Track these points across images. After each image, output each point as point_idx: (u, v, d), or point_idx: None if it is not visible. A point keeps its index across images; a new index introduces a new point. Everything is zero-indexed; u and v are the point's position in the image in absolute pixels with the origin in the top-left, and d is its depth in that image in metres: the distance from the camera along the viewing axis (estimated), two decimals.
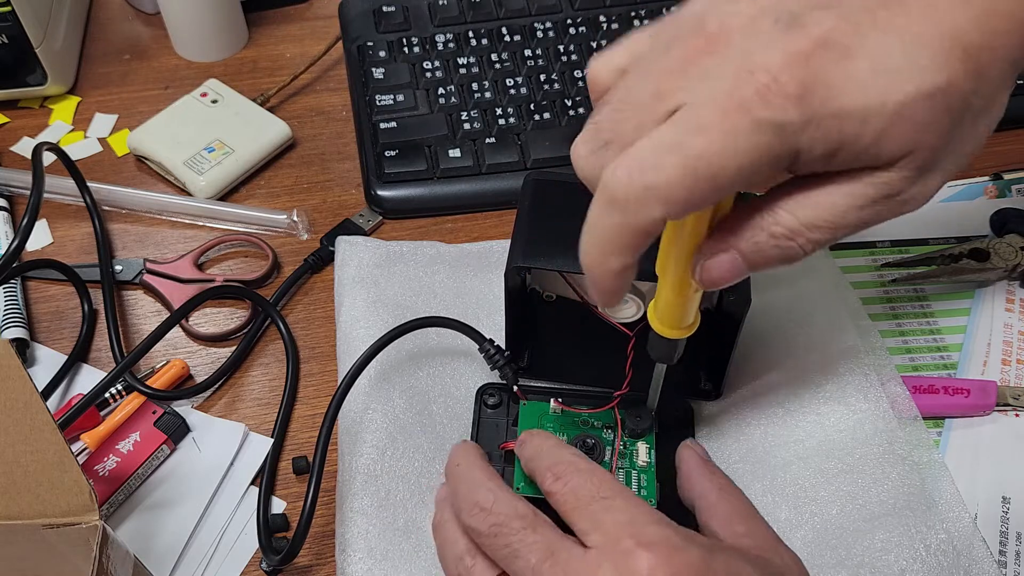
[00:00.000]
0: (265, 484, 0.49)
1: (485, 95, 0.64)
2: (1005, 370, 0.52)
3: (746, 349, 0.52)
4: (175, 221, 0.62)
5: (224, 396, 0.54)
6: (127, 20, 0.75)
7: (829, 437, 0.49)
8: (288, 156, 0.66)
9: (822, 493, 0.47)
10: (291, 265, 0.59)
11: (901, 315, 0.55)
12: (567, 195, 0.46)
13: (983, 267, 0.55)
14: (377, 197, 0.61)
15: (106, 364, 0.55)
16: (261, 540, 0.47)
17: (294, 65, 0.70)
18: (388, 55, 0.67)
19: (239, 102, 0.66)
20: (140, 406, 0.51)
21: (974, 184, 0.61)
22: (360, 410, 0.50)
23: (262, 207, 0.62)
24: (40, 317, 0.57)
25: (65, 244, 0.61)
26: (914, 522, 0.45)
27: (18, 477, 0.36)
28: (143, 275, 0.58)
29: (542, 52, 0.67)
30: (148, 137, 0.64)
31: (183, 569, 0.47)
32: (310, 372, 0.54)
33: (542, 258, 0.45)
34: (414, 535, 0.46)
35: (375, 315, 0.54)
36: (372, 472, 0.48)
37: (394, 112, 0.64)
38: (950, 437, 0.50)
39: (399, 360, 0.52)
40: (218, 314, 0.57)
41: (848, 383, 0.50)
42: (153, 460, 0.50)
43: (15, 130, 0.67)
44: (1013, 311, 0.55)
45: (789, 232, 0.34)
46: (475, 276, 0.56)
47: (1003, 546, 0.47)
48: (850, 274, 0.57)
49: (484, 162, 0.62)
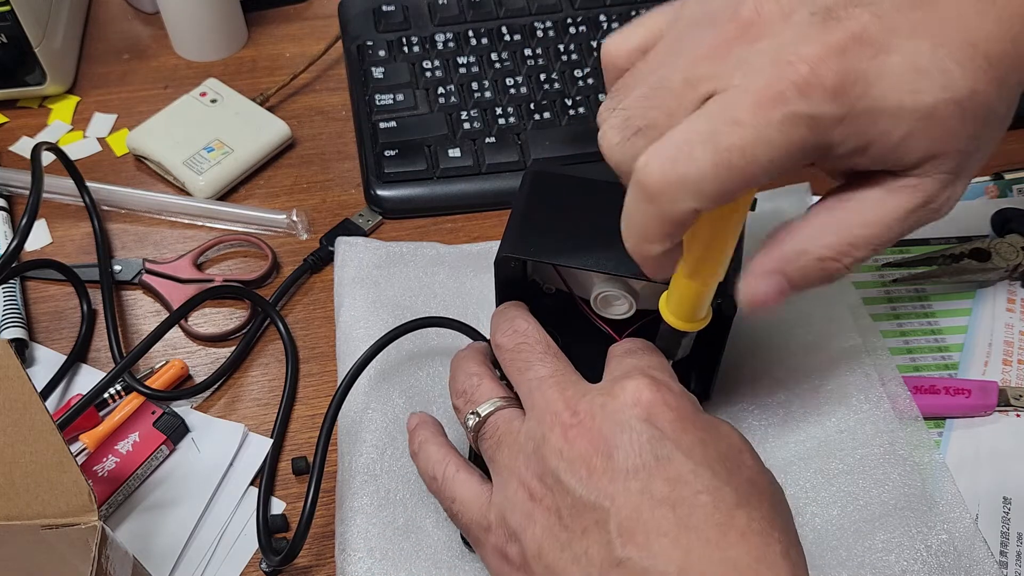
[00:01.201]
0: (265, 484, 0.49)
1: (485, 95, 0.64)
2: (1006, 370, 0.52)
3: (746, 349, 0.52)
4: (174, 221, 0.62)
5: (223, 396, 0.54)
6: (126, 20, 0.75)
7: (830, 437, 0.49)
8: (288, 156, 0.66)
9: (823, 494, 0.47)
10: (291, 265, 0.59)
11: (902, 315, 0.55)
12: (566, 189, 0.46)
13: (984, 267, 0.55)
14: (377, 197, 0.61)
15: (105, 364, 0.55)
16: (261, 541, 0.47)
17: (294, 65, 0.70)
18: (388, 55, 0.67)
19: (238, 102, 0.66)
20: (139, 406, 0.51)
21: (975, 184, 0.61)
22: (360, 410, 0.50)
23: (261, 207, 0.62)
24: (39, 317, 0.57)
25: (64, 244, 0.61)
26: (915, 522, 0.45)
27: (17, 477, 0.36)
28: (142, 275, 0.58)
29: (542, 52, 0.67)
30: (147, 137, 0.64)
31: (182, 570, 0.47)
32: (309, 372, 0.54)
33: (534, 250, 0.44)
34: (414, 534, 0.46)
35: (375, 315, 0.54)
36: (372, 472, 0.48)
37: (394, 112, 0.64)
38: (951, 437, 0.50)
39: (399, 360, 0.52)
40: (217, 314, 0.57)
41: (849, 383, 0.50)
42: (152, 460, 0.50)
43: (14, 130, 0.67)
44: (1014, 311, 0.55)
45: (835, 254, 0.34)
46: (475, 276, 0.56)
47: (1004, 547, 0.47)
48: (851, 274, 0.56)
49: (484, 162, 0.61)
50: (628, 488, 0.35)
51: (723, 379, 0.50)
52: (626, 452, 0.36)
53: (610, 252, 0.44)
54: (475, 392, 0.43)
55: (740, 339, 0.51)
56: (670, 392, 0.37)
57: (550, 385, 0.39)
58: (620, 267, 0.43)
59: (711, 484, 0.35)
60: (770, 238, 0.36)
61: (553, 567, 0.36)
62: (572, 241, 0.44)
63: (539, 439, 0.38)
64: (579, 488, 0.36)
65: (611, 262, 0.43)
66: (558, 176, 0.47)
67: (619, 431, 0.36)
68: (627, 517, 0.35)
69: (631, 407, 0.37)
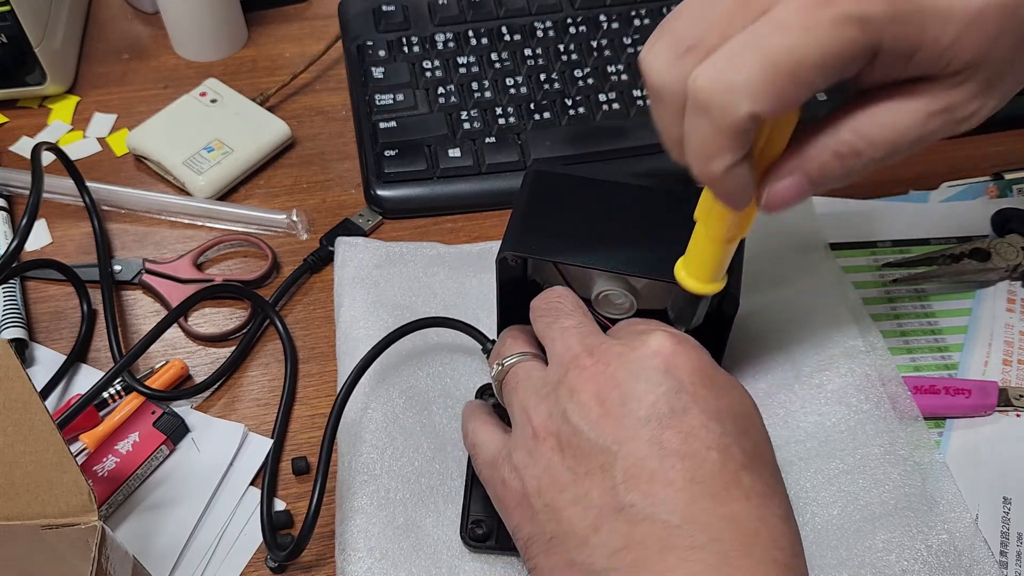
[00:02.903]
0: (267, 483, 0.49)
1: (485, 95, 0.64)
2: (1006, 370, 0.52)
3: (746, 349, 0.52)
4: (174, 221, 0.62)
5: (223, 396, 0.54)
6: (126, 20, 0.75)
7: (830, 437, 0.49)
8: (287, 156, 0.66)
9: (823, 494, 0.47)
10: (290, 265, 0.59)
11: (902, 315, 0.55)
12: (568, 189, 0.46)
13: (984, 267, 0.55)
14: (377, 197, 0.61)
15: (105, 364, 0.55)
16: (266, 536, 0.47)
17: (293, 64, 0.70)
18: (388, 54, 0.67)
19: (238, 102, 0.66)
20: (139, 406, 0.51)
21: (975, 184, 0.61)
22: (360, 410, 0.50)
23: (261, 207, 0.62)
24: (39, 317, 0.57)
25: (64, 244, 0.61)
26: (915, 522, 0.45)
27: (17, 477, 0.36)
28: (142, 275, 0.58)
29: (542, 52, 0.67)
30: (147, 137, 0.64)
31: (182, 570, 0.47)
32: (309, 372, 0.54)
33: (536, 248, 0.44)
34: (414, 534, 0.46)
35: (375, 316, 0.53)
36: (372, 471, 0.48)
37: (394, 112, 0.64)
38: (951, 437, 0.50)
39: (399, 360, 0.52)
40: (217, 314, 0.57)
41: (849, 383, 0.50)
42: (152, 460, 0.50)
43: (14, 130, 0.67)
44: (1014, 311, 0.55)
45: (853, 150, 0.34)
46: (475, 276, 0.56)
47: (1004, 547, 0.47)
48: (851, 274, 0.56)
49: (484, 162, 0.61)
50: (639, 435, 0.35)
51: None
52: (641, 400, 0.36)
53: (611, 251, 0.44)
54: (503, 347, 0.44)
55: (740, 339, 0.51)
56: (691, 345, 0.38)
57: (572, 334, 0.40)
58: (621, 265, 0.43)
59: (722, 442, 0.35)
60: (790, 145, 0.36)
61: (552, 505, 0.37)
62: (574, 240, 0.44)
63: (555, 382, 0.39)
64: (587, 429, 0.36)
65: (612, 260, 0.44)
66: (559, 175, 0.47)
67: (636, 378, 0.37)
68: (634, 464, 0.35)
69: (651, 357, 0.37)
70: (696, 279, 0.40)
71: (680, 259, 0.40)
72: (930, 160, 0.63)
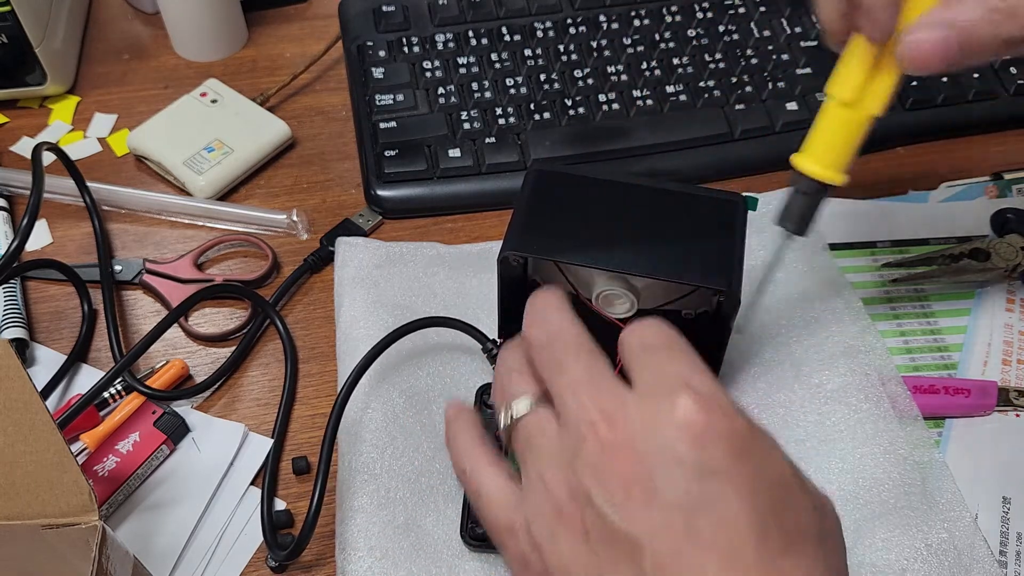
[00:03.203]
0: (267, 482, 0.49)
1: (485, 95, 0.64)
2: (1005, 370, 0.52)
3: (746, 349, 0.52)
4: (175, 221, 0.62)
5: (224, 396, 0.54)
6: (126, 20, 0.75)
7: (830, 437, 0.49)
8: (288, 156, 0.66)
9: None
10: (291, 265, 0.59)
11: (902, 315, 0.55)
12: (569, 188, 0.46)
13: (984, 267, 0.55)
14: (377, 197, 0.61)
15: (105, 364, 0.55)
16: (266, 536, 0.47)
17: (294, 65, 0.70)
18: (388, 55, 0.67)
19: (239, 102, 0.66)
20: (140, 406, 0.51)
21: (975, 184, 0.61)
22: (360, 409, 0.50)
23: (262, 207, 0.62)
24: (40, 317, 0.57)
25: (65, 244, 0.61)
26: (915, 521, 0.45)
27: (17, 477, 0.36)
28: (143, 275, 0.58)
29: (542, 52, 0.67)
30: (148, 137, 0.64)
31: (182, 570, 0.47)
32: (309, 372, 0.54)
33: (537, 247, 0.44)
34: (414, 533, 0.46)
35: (375, 316, 0.54)
36: (372, 471, 0.48)
37: (394, 112, 0.64)
38: (951, 437, 0.50)
39: (399, 360, 0.52)
40: (217, 314, 0.57)
41: (849, 383, 0.50)
42: (153, 460, 0.50)
43: (14, 130, 0.67)
44: (1014, 311, 0.55)
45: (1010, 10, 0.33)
46: (475, 276, 0.56)
47: (1004, 546, 0.47)
48: (851, 274, 0.57)
49: (484, 162, 0.62)
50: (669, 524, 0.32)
51: (723, 379, 0.50)
52: (669, 483, 0.33)
53: (613, 250, 0.44)
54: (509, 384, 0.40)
55: (740, 339, 0.51)
56: (721, 412, 0.33)
57: (584, 390, 0.36)
58: (623, 264, 0.43)
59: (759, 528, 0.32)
60: None
61: None
62: (575, 239, 0.44)
63: (572, 451, 0.35)
64: (613, 515, 0.33)
65: (614, 260, 0.44)
66: (561, 175, 0.47)
67: (663, 458, 0.33)
68: (665, 555, 0.32)
69: (679, 430, 0.33)
70: (824, 165, 0.36)
71: (796, 154, 0.37)
72: (930, 160, 0.63)
